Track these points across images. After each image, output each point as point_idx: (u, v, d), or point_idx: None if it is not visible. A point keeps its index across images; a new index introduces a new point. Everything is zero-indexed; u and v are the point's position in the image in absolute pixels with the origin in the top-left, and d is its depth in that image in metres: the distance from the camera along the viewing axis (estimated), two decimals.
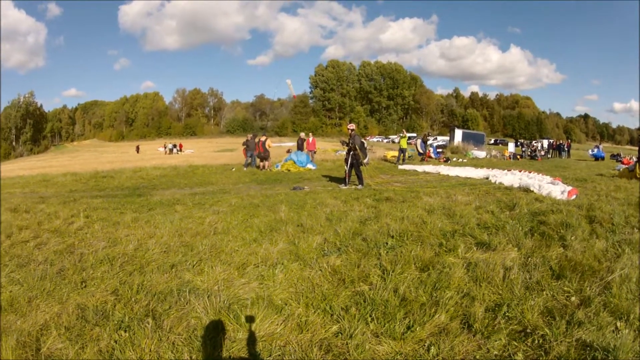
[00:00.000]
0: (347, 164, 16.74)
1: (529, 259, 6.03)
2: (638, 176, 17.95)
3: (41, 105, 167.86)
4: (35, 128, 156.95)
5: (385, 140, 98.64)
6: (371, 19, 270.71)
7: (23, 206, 12.41)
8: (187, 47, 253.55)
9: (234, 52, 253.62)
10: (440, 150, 40.21)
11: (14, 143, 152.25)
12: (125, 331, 4.30)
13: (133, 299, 5.10)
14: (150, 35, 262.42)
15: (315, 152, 31.20)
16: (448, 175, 20.19)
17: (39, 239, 8.44)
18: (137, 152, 78.69)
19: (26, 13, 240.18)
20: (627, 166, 23.43)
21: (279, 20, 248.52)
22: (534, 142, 56.15)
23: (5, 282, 5.95)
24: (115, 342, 4.14)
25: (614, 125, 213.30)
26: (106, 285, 5.62)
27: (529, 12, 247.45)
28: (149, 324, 4.40)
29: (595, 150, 49.34)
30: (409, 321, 4.32)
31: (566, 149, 50.94)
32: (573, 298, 4.82)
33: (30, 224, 9.84)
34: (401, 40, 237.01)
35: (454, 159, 34.32)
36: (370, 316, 4.48)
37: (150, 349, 4.01)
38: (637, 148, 19.71)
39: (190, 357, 3.93)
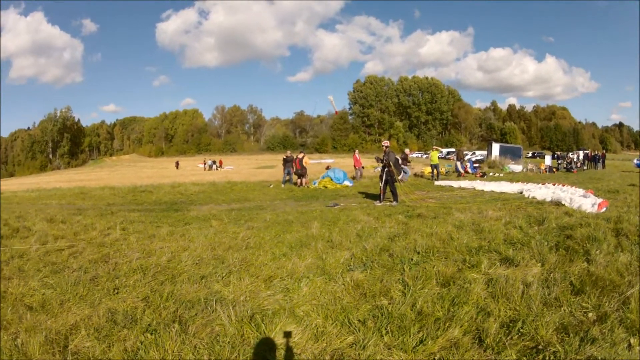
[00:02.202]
0: (381, 180, 16.79)
1: (551, 274, 6.01)
2: None
3: (79, 120, 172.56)
4: (72, 142, 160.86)
5: (424, 156, 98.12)
6: (408, 33, 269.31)
7: (59, 217, 12.80)
8: (226, 63, 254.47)
9: (274, 68, 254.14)
10: (477, 165, 39.92)
11: (50, 156, 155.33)
12: (151, 334, 4.52)
13: (162, 306, 5.31)
14: (189, 52, 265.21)
15: (363, 168, 31.02)
16: (483, 190, 19.98)
17: (74, 248, 8.78)
18: (177, 167, 79.61)
19: (60, 29, 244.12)
20: None
21: (317, 37, 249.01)
22: (569, 153, 55.25)
23: (37, 286, 6.26)
24: (141, 343, 4.35)
25: None
26: (137, 292, 5.85)
27: (561, 20, 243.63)
28: (174, 328, 4.60)
29: None
30: (423, 335, 4.39)
31: (601, 159, 50.00)
32: (590, 314, 4.79)
33: (66, 234, 10.21)
34: (439, 54, 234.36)
35: (490, 174, 33.96)
36: (385, 329, 4.56)
37: (173, 351, 4.20)
38: None
39: None
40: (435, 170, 30.83)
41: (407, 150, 31.94)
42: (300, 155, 27.18)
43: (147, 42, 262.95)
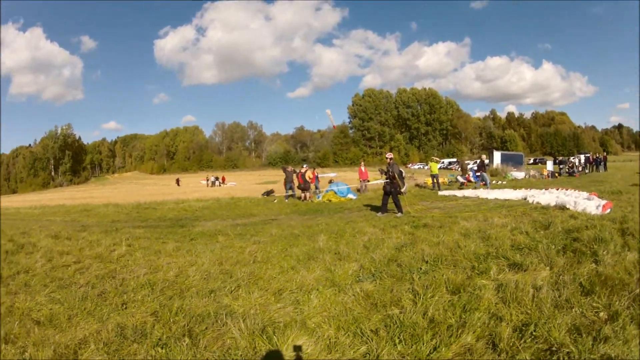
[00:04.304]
0: (385, 192, 16.82)
1: (560, 277, 6.03)
2: None
3: (80, 137, 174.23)
4: (74, 159, 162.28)
5: (426, 167, 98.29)
6: (406, 45, 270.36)
7: (64, 233, 12.84)
8: (226, 81, 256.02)
9: (273, 85, 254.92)
10: (479, 173, 40.00)
11: (52, 173, 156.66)
12: (162, 348, 4.50)
13: (172, 320, 5.28)
14: (188, 70, 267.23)
15: (368, 181, 30.95)
16: (487, 198, 19.91)
17: (80, 264, 8.78)
18: (178, 184, 79.59)
19: (59, 45, 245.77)
20: None
21: (315, 52, 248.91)
22: (571, 158, 55.26)
23: (45, 301, 6.27)
24: (152, 357, 4.34)
25: None
26: (146, 307, 5.83)
27: (557, 25, 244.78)
28: (185, 342, 4.59)
29: None
30: (436, 342, 4.38)
31: (602, 162, 49.93)
32: (602, 313, 4.82)
33: (71, 250, 10.21)
34: (437, 65, 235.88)
35: (493, 182, 34.03)
36: (398, 338, 4.55)
37: None
38: None
39: None
40: (435, 180, 30.89)
41: (483, 157, 31.56)
42: (303, 170, 27.29)
43: (146, 59, 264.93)
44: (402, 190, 16.82)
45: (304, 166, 28.49)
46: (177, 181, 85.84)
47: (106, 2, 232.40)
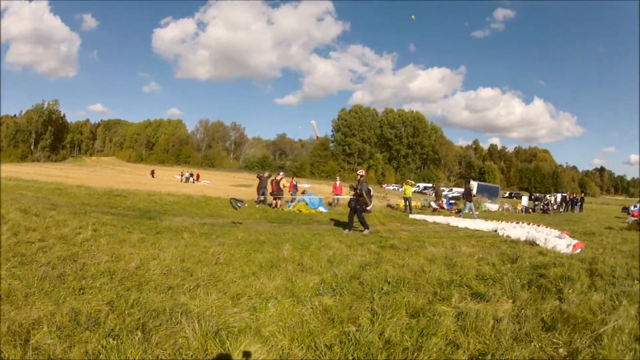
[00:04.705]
0: (350, 208, 16.88)
1: (522, 310, 6.03)
2: None
3: (64, 115, 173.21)
4: (55, 136, 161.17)
5: (400, 189, 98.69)
6: (401, 66, 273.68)
7: (34, 209, 12.78)
8: (218, 79, 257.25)
9: (264, 89, 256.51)
10: (453, 201, 40.22)
11: (32, 147, 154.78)
12: (113, 339, 4.44)
13: (126, 312, 5.22)
14: (183, 63, 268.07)
15: (339, 198, 30.77)
16: (457, 226, 20.12)
17: (44, 242, 8.66)
18: (152, 176, 79.06)
19: (61, 20, 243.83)
20: (636, 219, 23.33)
21: (311, 62, 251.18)
22: (547, 195, 55.89)
23: (5, 275, 6.18)
24: (103, 347, 4.27)
25: (628, 178, 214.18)
26: (103, 295, 5.76)
27: (554, 64, 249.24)
28: (137, 336, 4.53)
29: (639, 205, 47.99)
30: None
31: (579, 202, 50.84)
32: (561, 350, 4.84)
33: (38, 227, 10.11)
34: (428, 90, 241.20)
35: (465, 211, 34.34)
36: (352, 355, 4.56)
37: (135, 359, 4.14)
38: None
39: None
40: (408, 203, 31.07)
41: (471, 184, 31.48)
42: (279, 177, 27.33)
43: (144, 46, 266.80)
44: (368, 208, 16.89)
45: (280, 174, 28.51)
46: (152, 173, 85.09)
47: None
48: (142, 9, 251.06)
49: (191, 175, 75.70)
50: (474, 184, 32.45)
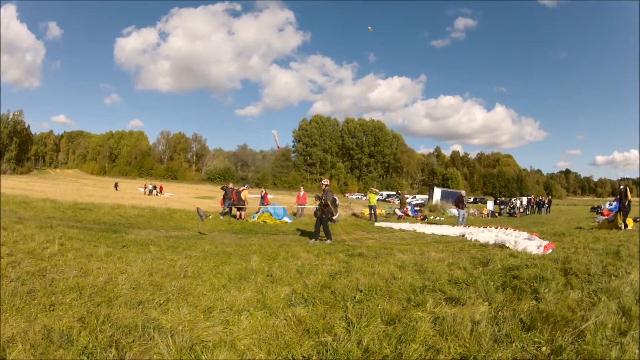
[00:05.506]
0: (317, 218, 16.97)
1: (499, 312, 6.06)
2: (619, 225, 18.26)
3: (29, 126, 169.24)
4: (20, 148, 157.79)
5: (364, 198, 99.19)
6: (361, 76, 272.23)
7: (1, 223, 12.52)
8: (178, 90, 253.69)
9: (225, 101, 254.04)
10: (417, 208, 40.44)
11: None
12: (87, 357, 4.40)
13: (98, 329, 5.15)
14: (144, 75, 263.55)
15: (303, 208, 30.80)
16: (424, 233, 20.24)
17: (13, 257, 8.58)
18: (116, 189, 78.27)
19: (27, 28, 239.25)
20: (606, 217, 23.66)
21: (271, 73, 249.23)
22: (512, 199, 56.50)
23: None
24: None
25: (595, 179, 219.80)
26: (74, 312, 5.69)
27: (515, 71, 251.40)
28: (111, 353, 4.49)
29: (614, 204, 48.28)
30: None
31: (546, 205, 51.89)
32: (544, 348, 4.88)
33: (6, 241, 10.03)
34: (389, 99, 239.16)
35: (432, 217, 34.63)
36: None
37: None
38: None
39: None
40: (373, 212, 31.27)
41: (463, 192, 31.51)
42: (241, 189, 27.27)
43: (106, 56, 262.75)
44: (334, 218, 16.95)
45: (245, 185, 28.45)
46: (116, 185, 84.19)
47: None
48: (106, 14, 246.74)
49: (154, 187, 75.09)
50: (456, 192, 32.67)
